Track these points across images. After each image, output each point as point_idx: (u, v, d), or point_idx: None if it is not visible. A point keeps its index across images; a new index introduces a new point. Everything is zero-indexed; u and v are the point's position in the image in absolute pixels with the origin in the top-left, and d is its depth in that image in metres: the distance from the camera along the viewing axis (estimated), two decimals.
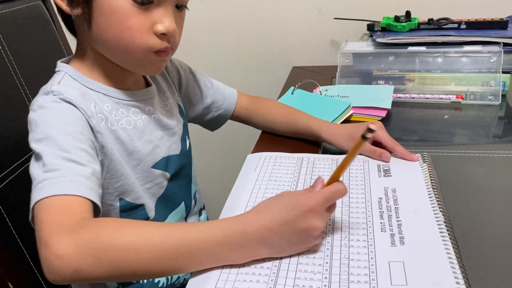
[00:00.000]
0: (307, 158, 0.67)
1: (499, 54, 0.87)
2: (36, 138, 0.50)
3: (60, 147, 0.48)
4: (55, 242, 0.41)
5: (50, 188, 0.45)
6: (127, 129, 0.58)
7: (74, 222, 0.43)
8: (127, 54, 0.54)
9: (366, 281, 0.42)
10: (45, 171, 0.46)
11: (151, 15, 0.52)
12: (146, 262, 0.42)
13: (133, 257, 0.41)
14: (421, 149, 0.67)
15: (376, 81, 0.97)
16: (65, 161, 0.47)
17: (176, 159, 0.66)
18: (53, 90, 0.53)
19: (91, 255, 0.41)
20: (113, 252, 0.41)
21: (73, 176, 0.46)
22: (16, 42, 0.72)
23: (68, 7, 0.53)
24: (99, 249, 0.41)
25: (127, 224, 0.44)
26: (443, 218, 0.50)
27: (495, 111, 0.87)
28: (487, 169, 0.65)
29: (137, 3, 0.51)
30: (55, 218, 0.43)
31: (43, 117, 0.51)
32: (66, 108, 0.52)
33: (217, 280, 0.43)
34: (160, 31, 0.53)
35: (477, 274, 0.44)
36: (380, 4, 1.16)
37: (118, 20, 0.51)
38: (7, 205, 0.63)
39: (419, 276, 0.42)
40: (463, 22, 0.97)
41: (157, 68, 0.58)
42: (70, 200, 0.45)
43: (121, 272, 0.42)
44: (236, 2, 1.24)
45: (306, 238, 0.46)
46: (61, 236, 0.41)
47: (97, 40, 0.55)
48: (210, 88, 0.76)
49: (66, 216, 0.43)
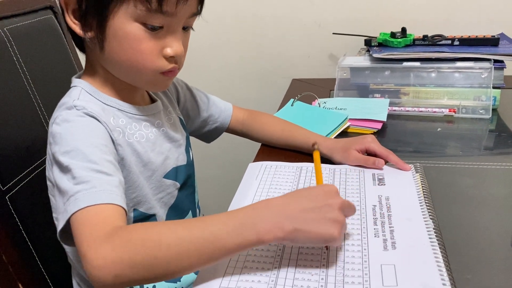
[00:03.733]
0: (306, 167, 0.71)
1: (490, 70, 0.91)
2: (63, 151, 0.51)
3: (88, 159, 0.50)
4: (93, 255, 0.44)
5: (84, 199, 0.47)
6: (141, 142, 0.61)
7: (107, 231, 0.45)
8: (137, 74, 0.58)
9: (360, 282, 0.45)
10: (76, 184, 0.48)
11: (160, 40, 0.55)
12: (177, 256, 0.44)
13: (165, 252, 0.43)
14: (414, 160, 0.70)
15: (372, 95, 1.00)
16: (94, 172, 0.49)
17: (184, 169, 0.68)
18: (76, 105, 0.55)
19: (126, 258, 0.43)
20: (145, 250, 0.44)
21: (104, 186, 0.48)
22: (29, 54, 0.75)
23: (81, 30, 0.56)
24: (132, 250, 0.44)
25: (154, 224, 0.48)
26: (432, 225, 0.53)
27: (486, 125, 0.90)
28: (476, 180, 0.68)
29: (148, 29, 0.54)
30: (91, 229, 0.46)
31: (68, 130, 0.53)
32: (90, 122, 0.55)
33: (219, 286, 0.46)
34: (169, 54, 0.56)
35: (463, 276, 0.47)
36: (377, 21, 1.20)
37: (131, 44, 0.55)
38: (19, 210, 0.66)
39: (409, 278, 0.45)
40: (456, 39, 1.01)
41: (164, 86, 0.62)
42: (104, 209, 0.47)
43: (156, 271, 0.44)
44: (239, 17, 1.28)
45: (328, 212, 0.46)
46: (97, 248, 0.44)
47: (109, 61, 0.57)
48: (206, 103, 0.79)
49: (100, 227, 0.46)
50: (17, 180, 0.67)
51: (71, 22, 0.56)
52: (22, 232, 0.66)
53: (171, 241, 0.44)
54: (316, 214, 0.45)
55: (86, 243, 0.45)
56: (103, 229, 0.46)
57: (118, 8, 0.53)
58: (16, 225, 0.66)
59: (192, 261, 0.44)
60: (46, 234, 0.68)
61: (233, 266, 0.48)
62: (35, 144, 0.71)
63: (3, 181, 0.64)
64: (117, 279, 0.43)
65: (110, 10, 0.53)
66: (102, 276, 0.43)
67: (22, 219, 0.66)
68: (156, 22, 0.54)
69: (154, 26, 0.54)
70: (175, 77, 0.77)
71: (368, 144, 0.70)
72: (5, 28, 0.72)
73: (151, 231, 0.45)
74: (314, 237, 0.45)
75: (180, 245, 0.44)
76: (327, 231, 0.45)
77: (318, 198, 0.47)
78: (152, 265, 0.44)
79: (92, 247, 0.44)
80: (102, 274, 0.43)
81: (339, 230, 0.45)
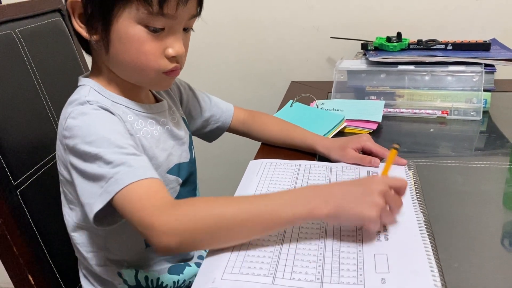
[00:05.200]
0: (304, 164, 0.74)
1: (481, 74, 0.94)
2: (87, 141, 0.53)
3: (115, 145, 0.53)
4: (159, 222, 0.48)
5: (126, 177, 0.51)
6: (146, 138, 0.64)
7: (164, 202, 0.50)
8: (141, 74, 0.60)
9: (354, 269, 0.48)
10: (112, 167, 0.51)
11: (162, 41, 0.58)
12: (239, 225, 0.50)
13: (228, 222, 0.49)
14: (407, 159, 0.73)
15: (368, 97, 1.03)
16: (126, 155, 0.53)
17: (186, 166, 0.71)
18: (89, 100, 0.58)
19: (191, 227, 0.49)
20: (210, 221, 0.49)
21: (140, 163, 0.52)
22: (38, 54, 0.78)
23: (87, 33, 0.58)
24: (197, 220, 0.49)
25: (214, 199, 0.51)
26: (423, 218, 0.56)
27: (477, 126, 0.93)
28: (466, 177, 0.71)
29: (151, 31, 0.57)
30: (147, 202, 0.50)
31: (87, 121, 0.55)
32: (105, 114, 0.58)
33: (223, 273, 0.49)
34: (171, 55, 0.59)
35: (450, 265, 0.50)
36: (373, 25, 1.23)
37: (134, 46, 0.57)
38: (29, 204, 0.68)
39: (400, 266, 0.48)
40: (449, 43, 1.04)
41: (167, 85, 0.65)
42: (148, 184, 0.51)
43: (218, 238, 0.50)
44: (239, 21, 1.31)
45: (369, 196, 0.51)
46: (162, 216, 0.49)
47: (114, 62, 0.60)
48: (208, 103, 0.82)
49: (154, 199, 0.50)
50: (28, 175, 0.69)
51: (77, 26, 0.59)
52: (32, 225, 0.69)
53: (234, 212, 0.50)
54: (357, 196, 0.51)
55: (149, 213, 0.49)
56: (161, 199, 0.50)
57: (122, 12, 0.55)
58: (27, 219, 0.68)
59: (251, 229, 0.50)
60: (55, 227, 0.71)
61: (236, 254, 0.51)
62: (44, 141, 0.74)
63: (14, 176, 0.67)
64: (181, 245, 0.49)
65: (114, 14, 0.56)
66: (169, 241, 0.48)
67: (32, 213, 0.69)
68: (158, 24, 0.56)
69: (156, 28, 0.56)
70: (178, 79, 0.81)
71: (364, 143, 0.74)
72: (17, 29, 0.75)
73: (213, 204, 0.51)
74: (353, 216, 0.51)
75: (242, 215, 0.50)
76: (365, 211, 0.50)
77: (362, 182, 0.54)
78: (214, 234, 0.50)
79: (156, 216, 0.49)
80: (169, 239, 0.48)
81: (377, 213, 0.50)
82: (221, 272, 0.48)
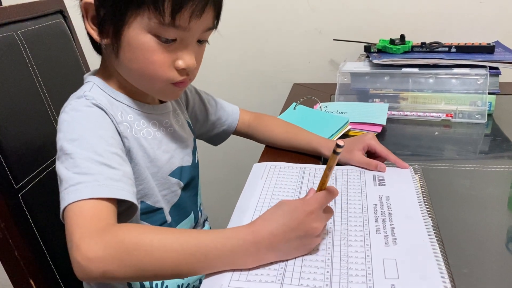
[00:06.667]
0: (309, 168, 0.73)
1: (485, 77, 0.94)
2: (69, 138, 0.52)
3: (92, 149, 0.51)
4: (86, 246, 0.45)
5: (84, 191, 0.48)
6: (148, 139, 0.63)
7: (101, 226, 0.46)
8: (148, 83, 0.59)
9: (363, 275, 0.47)
10: (77, 173, 0.49)
11: (173, 52, 0.56)
12: (166, 265, 0.46)
13: (155, 261, 0.46)
14: (413, 162, 0.73)
15: (372, 99, 1.02)
16: (98, 164, 0.50)
17: (188, 170, 0.70)
18: (86, 95, 0.57)
19: (117, 258, 0.45)
20: (137, 255, 0.45)
21: (106, 181, 0.49)
22: (40, 56, 0.77)
23: (98, 36, 0.57)
24: (124, 252, 0.45)
25: (148, 230, 0.48)
26: (431, 222, 0.56)
27: (482, 129, 0.93)
28: (472, 181, 0.71)
29: (162, 41, 0.55)
30: (85, 222, 0.47)
31: (76, 118, 0.54)
32: (98, 113, 0.56)
33: (230, 280, 0.48)
34: (181, 67, 0.57)
35: (460, 271, 0.49)
36: (376, 28, 1.22)
37: (143, 55, 0.56)
38: (31, 207, 0.67)
39: (409, 271, 0.47)
40: (453, 46, 1.04)
41: (175, 95, 0.64)
42: (100, 205, 0.48)
43: (144, 273, 0.46)
44: (242, 23, 1.30)
45: (309, 240, 0.50)
46: (91, 240, 0.45)
47: (123, 67, 0.59)
48: (214, 106, 0.81)
49: (95, 221, 0.47)
50: (29, 178, 0.68)
51: (89, 28, 0.58)
52: (34, 229, 0.68)
53: (162, 252, 0.46)
54: (298, 243, 0.50)
55: (79, 234, 0.46)
56: (98, 223, 0.47)
57: (134, 19, 0.54)
58: (28, 222, 0.67)
59: (181, 271, 0.47)
60: (57, 231, 0.70)
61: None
62: (45, 144, 0.73)
63: (16, 179, 0.66)
64: (105, 275, 0.45)
65: (126, 20, 0.54)
66: (92, 269, 0.45)
67: (34, 216, 0.68)
68: (169, 35, 0.55)
69: (167, 39, 0.55)
70: None
71: (369, 141, 0.73)
72: (19, 31, 0.74)
73: (144, 237, 0.47)
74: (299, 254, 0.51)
75: (171, 257, 0.46)
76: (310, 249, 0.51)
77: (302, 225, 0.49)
78: (141, 269, 0.46)
79: (85, 238, 0.45)
80: (92, 266, 0.45)
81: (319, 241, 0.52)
82: (228, 279, 0.47)
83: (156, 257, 0.46)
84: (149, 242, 0.46)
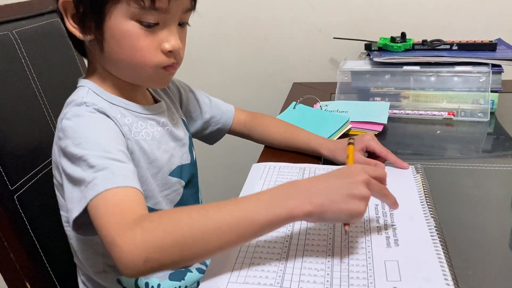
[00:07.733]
0: (309, 168, 0.72)
1: (488, 75, 0.93)
2: (76, 142, 0.52)
3: (102, 148, 0.51)
4: (123, 239, 0.44)
5: (102, 183, 0.48)
6: (147, 140, 0.63)
7: (134, 216, 0.46)
8: (138, 71, 0.59)
9: (365, 277, 0.46)
10: (93, 172, 0.49)
11: (157, 36, 0.57)
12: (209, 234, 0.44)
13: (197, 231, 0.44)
14: (415, 161, 0.72)
15: (373, 98, 1.01)
16: (110, 160, 0.50)
17: (188, 168, 0.70)
18: (85, 102, 0.57)
19: (157, 241, 0.44)
20: (176, 232, 0.44)
21: (122, 171, 0.50)
22: (36, 55, 0.76)
23: (81, 33, 0.57)
24: (163, 233, 0.44)
25: (181, 209, 0.48)
26: (434, 223, 0.54)
27: (484, 128, 0.92)
28: (475, 181, 0.70)
29: (145, 26, 0.55)
30: (115, 214, 0.46)
31: (80, 123, 0.54)
32: (101, 117, 0.56)
33: (228, 282, 0.47)
34: (167, 49, 0.57)
35: (464, 272, 0.48)
36: (377, 25, 1.21)
37: (129, 42, 0.56)
38: (27, 209, 0.67)
39: (412, 273, 0.46)
40: (455, 43, 1.02)
41: (165, 81, 0.63)
42: (124, 193, 0.48)
43: (188, 251, 0.45)
44: (241, 20, 1.30)
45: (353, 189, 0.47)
46: (127, 232, 0.44)
47: (109, 61, 0.59)
48: (209, 104, 0.81)
49: (125, 211, 0.47)
50: (25, 180, 0.68)
51: (70, 26, 0.57)
52: (29, 231, 0.67)
53: (202, 221, 0.45)
54: (343, 190, 0.47)
55: (113, 229, 0.45)
56: (129, 214, 0.46)
57: (114, 8, 0.54)
58: (24, 224, 0.67)
59: (224, 238, 0.45)
60: (53, 233, 0.69)
61: (240, 262, 0.50)
62: (42, 145, 0.73)
63: (11, 181, 0.65)
64: (147, 263, 0.44)
65: (106, 11, 0.55)
66: (132, 261, 0.44)
67: (29, 218, 0.67)
68: (151, 19, 0.55)
69: (150, 23, 0.55)
70: (178, 80, 0.79)
71: (368, 142, 0.72)
72: (14, 30, 0.73)
73: (180, 214, 0.47)
74: (341, 213, 0.46)
75: (212, 223, 0.45)
76: (354, 207, 0.46)
77: (345, 175, 0.48)
78: (183, 247, 0.44)
79: (121, 232, 0.45)
80: (132, 258, 0.44)
81: (365, 207, 0.47)
82: (226, 281, 0.46)
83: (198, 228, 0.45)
84: (187, 216, 0.46)
